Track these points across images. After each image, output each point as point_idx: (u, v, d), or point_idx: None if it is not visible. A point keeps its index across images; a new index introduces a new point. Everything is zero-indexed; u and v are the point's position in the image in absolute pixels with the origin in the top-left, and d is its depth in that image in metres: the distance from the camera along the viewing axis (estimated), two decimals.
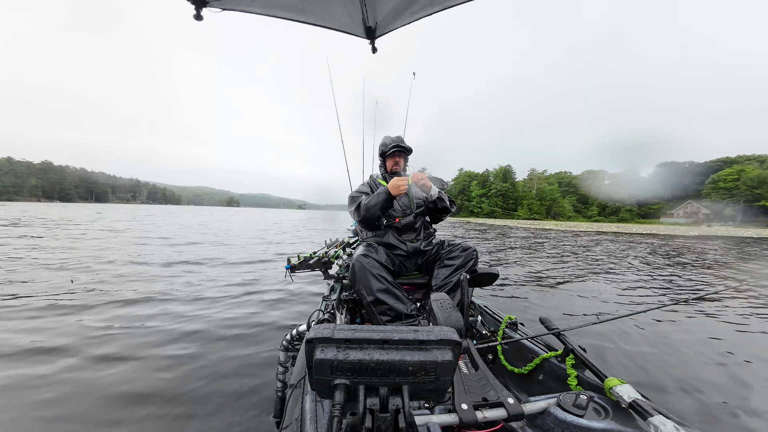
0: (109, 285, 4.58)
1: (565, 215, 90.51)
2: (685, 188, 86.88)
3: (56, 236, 10.25)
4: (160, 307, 3.69)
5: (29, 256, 6.61)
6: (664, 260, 9.56)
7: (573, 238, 19.50)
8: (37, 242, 8.70)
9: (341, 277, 2.52)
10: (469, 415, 0.90)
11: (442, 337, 0.68)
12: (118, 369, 2.33)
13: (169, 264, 6.34)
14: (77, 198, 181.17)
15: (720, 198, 72.02)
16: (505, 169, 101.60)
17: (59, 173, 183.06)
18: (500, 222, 55.60)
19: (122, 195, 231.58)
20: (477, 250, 2.08)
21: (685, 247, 14.41)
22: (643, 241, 18.21)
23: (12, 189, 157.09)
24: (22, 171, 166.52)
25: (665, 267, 8.25)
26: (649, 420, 0.87)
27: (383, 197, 2.04)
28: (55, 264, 5.86)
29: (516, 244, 13.44)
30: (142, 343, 2.74)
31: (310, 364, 0.66)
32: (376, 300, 1.77)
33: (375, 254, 1.92)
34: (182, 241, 10.30)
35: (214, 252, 8.21)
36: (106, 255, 7.07)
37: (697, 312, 4.13)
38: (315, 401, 1.03)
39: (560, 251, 11.29)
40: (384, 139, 2.46)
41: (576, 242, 16.01)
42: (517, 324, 1.71)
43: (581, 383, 1.21)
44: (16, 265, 5.70)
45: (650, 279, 6.54)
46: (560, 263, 8.35)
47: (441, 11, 2.04)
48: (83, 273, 5.27)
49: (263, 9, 1.99)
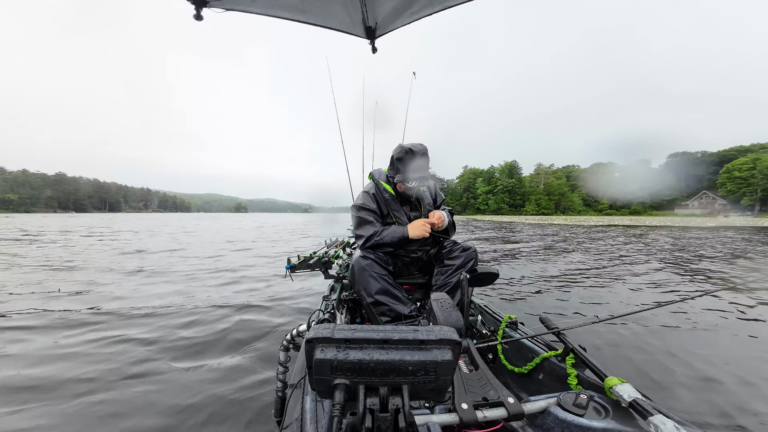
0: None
1: (574, 209, 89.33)
2: (699, 179, 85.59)
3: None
4: None
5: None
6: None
7: (606, 233, 19.19)
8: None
9: (341, 277, 2.52)
10: (469, 415, 0.90)
11: (442, 336, 0.68)
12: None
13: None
14: (91, 208, 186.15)
15: (736, 188, 70.69)
16: (510, 164, 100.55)
17: (73, 184, 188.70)
18: (507, 219, 55.21)
19: (134, 204, 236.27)
20: (477, 250, 2.08)
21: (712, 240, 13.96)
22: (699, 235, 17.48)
23: (29, 201, 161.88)
24: (38, 183, 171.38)
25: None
26: (650, 419, 0.87)
27: (399, 238, 1.96)
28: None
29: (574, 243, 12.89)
30: None
31: (310, 364, 0.66)
32: (375, 301, 1.77)
33: (374, 255, 1.91)
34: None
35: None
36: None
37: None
38: (315, 401, 1.03)
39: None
40: (404, 154, 1.99)
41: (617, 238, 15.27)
42: (517, 323, 1.71)
43: (581, 382, 1.20)
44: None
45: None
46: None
47: (441, 11, 2.04)
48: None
49: (263, 9, 1.99)
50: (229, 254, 9.40)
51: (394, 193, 2.14)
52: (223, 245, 12.03)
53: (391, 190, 2.14)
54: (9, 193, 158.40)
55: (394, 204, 2.14)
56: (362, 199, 2.15)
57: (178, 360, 2.63)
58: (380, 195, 2.14)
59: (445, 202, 2.43)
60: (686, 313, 3.98)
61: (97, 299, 4.38)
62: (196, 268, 6.88)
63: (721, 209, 72.90)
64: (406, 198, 2.19)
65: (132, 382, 2.30)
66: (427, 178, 2.01)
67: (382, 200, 2.14)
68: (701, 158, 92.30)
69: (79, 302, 4.22)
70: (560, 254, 9.69)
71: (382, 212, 2.15)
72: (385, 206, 2.14)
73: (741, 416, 1.99)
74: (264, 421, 1.89)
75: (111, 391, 2.19)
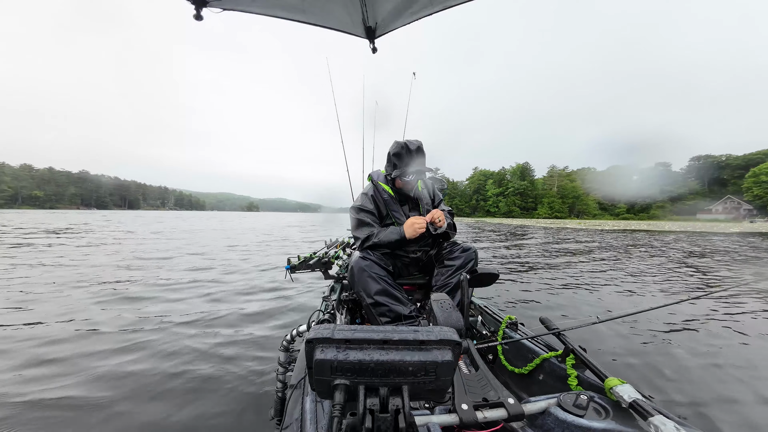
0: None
1: (590, 213, 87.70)
2: (723, 182, 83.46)
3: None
4: None
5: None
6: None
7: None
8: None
9: (341, 278, 2.51)
10: (469, 415, 0.90)
11: (442, 337, 0.68)
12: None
13: None
14: (112, 205, 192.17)
15: (763, 192, 68.53)
16: (522, 166, 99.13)
17: (95, 182, 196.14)
18: (518, 221, 54.57)
19: (152, 202, 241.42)
20: (477, 250, 2.08)
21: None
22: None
23: (54, 198, 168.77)
24: (63, 180, 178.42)
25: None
26: (650, 420, 0.87)
27: (395, 239, 1.96)
28: None
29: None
30: None
31: (310, 364, 0.66)
32: (375, 302, 1.77)
33: (373, 256, 1.91)
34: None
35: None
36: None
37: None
38: (315, 401, 1.03)
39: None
40: (400, 149, 2.04)
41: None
42: (517, 324, 1.71)
43: (581, 383, 1.20)
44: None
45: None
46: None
47: (441, 11, 2.04)
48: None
49: (263, 9, 1.99)
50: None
51: (392, 193, 2.15)
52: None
53: (389, 190, 2.15)
54: (35, 190, 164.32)
55: (393, 204, 2.14)
56: (360, 200, 2.18)
57: None
58: (379, 196, 2.16)
59: (446, 202, 2.43)
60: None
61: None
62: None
63: (746, 214, 71.05)
64: (405, 198, 2.19)
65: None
66: (424, 172, 2.05)
67: (380, 201, 2.15)
68: (726, 162, 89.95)
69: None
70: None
71: (381, 213, 2.16)
72: (384, 207, 2.14)
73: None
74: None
75: None
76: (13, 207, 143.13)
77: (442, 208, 2.36)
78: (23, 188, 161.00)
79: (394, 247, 2.02)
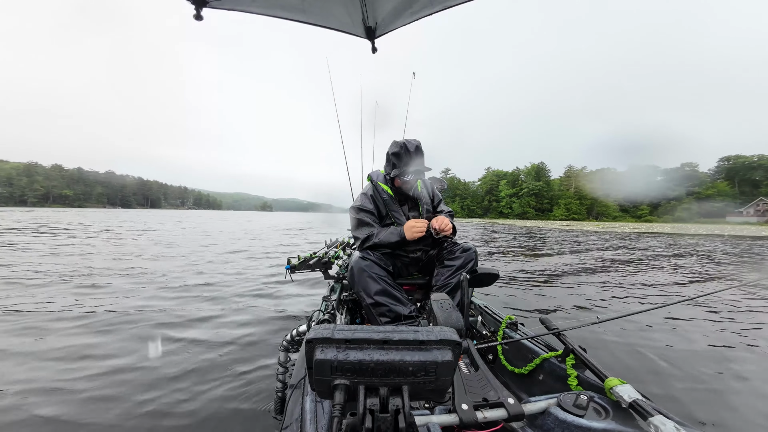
0: None
1: (609, 215, 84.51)
2: (755, 184, 79.95)
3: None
4: None
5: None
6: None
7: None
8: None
9: (341, 278, 2.51)
10: (469, 416, 0.90)
11: (442, 337, 0.68)
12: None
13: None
14: (135, 204, 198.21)
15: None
16: (537, 166, 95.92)
17: (120, 182, 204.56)
18: (532, 223, 52.57)
19: (173, 201, 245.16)
20: (477, 250, 2.08)
21: None
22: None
23: (82, 197, 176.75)
24: (90, 180, 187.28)
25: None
26: (650, 420, 0.87)
27: (395, 239, 1.96)
28: None
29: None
30: None
31: (310, 364, 0.66)
32: (375, 302, 1.77)
33: (373, 256, 1.91)
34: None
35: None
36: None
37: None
38: (315, 401, 1.03)
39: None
40: (399, 149, 2.03)
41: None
42: (517, 324, 1.71)
43: (581, 383, 1.20)
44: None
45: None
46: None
47: (441, 11, 2.03)
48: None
49: (263, 9, 1.99)
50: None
51: (392, 193, 2.15)
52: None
53: (389, 190, 2.15)
54: (65, 189, 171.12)
55: (393, 204, 2.14)
56: (360, 200, 2.18)
57: None
58: (378, 196, 2.16)
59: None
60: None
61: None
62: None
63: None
64: (405, 197, 2.19)
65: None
66: (423, 171, 2.05)
67: (380, 201, 2.15)
68: (758, 162, 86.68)
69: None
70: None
71: (380, 213, 2.16)
72: (383, 207, 2.15)
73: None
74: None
75: None
76: (45, 205, 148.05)
77: (442, 209, 2.35)
78: (54, 187, 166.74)
79: (394, 247, 2.03)
